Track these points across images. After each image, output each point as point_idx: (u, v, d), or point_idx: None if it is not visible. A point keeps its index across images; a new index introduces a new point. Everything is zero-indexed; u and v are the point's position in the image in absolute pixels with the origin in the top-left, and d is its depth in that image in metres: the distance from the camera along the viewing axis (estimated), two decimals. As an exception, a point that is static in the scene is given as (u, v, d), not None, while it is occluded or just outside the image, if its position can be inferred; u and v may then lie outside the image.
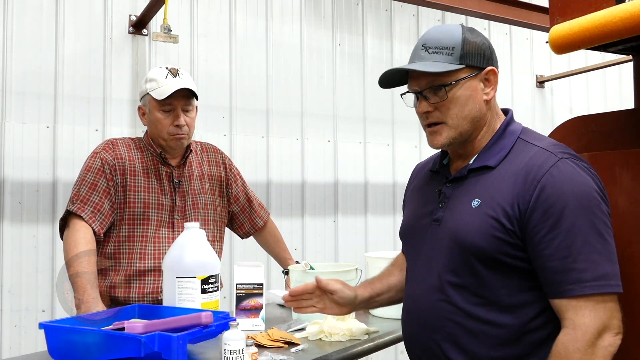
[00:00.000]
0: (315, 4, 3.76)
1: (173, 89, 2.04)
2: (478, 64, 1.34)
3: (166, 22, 2.86)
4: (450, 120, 1.34)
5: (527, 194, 1.23)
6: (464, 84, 1.33)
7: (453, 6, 3.38)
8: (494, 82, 1.36)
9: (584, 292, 1.18)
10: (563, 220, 1.20)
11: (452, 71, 1.32)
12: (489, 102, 1.36)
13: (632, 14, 1.21)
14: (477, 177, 1.34)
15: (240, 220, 2.39)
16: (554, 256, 1.20)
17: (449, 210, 1.36)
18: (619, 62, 4.37)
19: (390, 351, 3.72)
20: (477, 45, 1.34)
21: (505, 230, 1.24)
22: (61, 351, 1.44)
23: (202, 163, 2.26)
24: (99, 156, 2.09)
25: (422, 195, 1.49)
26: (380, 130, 3.92)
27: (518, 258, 1.25)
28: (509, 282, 1.26)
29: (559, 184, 1.21)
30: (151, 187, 2.11)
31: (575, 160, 1.26)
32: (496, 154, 1.34)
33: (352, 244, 3.77)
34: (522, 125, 1.40)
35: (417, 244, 1.44)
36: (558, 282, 1.20)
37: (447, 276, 1.31)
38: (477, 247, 1.26)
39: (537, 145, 1.31)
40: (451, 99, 1.33)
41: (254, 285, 1.83)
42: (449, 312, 1.31)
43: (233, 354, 1.39)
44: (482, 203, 1.29)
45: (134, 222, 2.07)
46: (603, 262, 1.19)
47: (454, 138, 1.35)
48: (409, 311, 1.43)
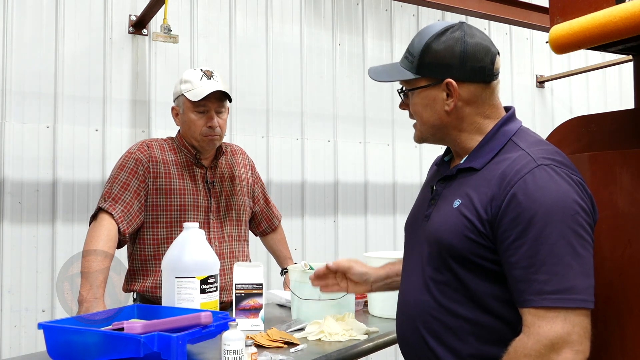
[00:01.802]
0: (315, 4, 3.76)
1: (208, 91, 2.06)
2: (436, 75, 1.33)
3: (166, 22, 2.86)
4: (417, 121, 1.41)
5: (499, 198, 1.22)
6: (420, 94, 1.36)
7: (453, 6, 3.38)
8: (454, 94, 1.32)
9: (543, 305, 1.14)
10: (530, 229, 1.17)
11: (412, 79, 1.36)
12: (450, 112, 1.34)
13: (632, 14, 1.20)
14: (464, 177, 1.34)
15: (259, 220, 2.46)
16: (518, 264, 1.18)
17: (436, 208, 1.37)
18: (619, 62, 4.37)
19: (390, 351, 3.72)
20: (439, 55, 1.32)
21: (477, 232, 1.24)
22: (60, 351, 1.43)
23: (232, 165, 2.30)
24: (134, 156, 2.11)
25: (424, 190, 1.52)
26: (380, 130, 3.92)
27: (491, 261, 1.24)
28: (486, 281, 1.26)
29: (531, 192, 1.19)
30: (187, 189, 2.13)
31: (556, 167, 1.22)
32: (484, 155, 1.33)
33: (352, 244, 3.77)
34: (521, 125, 1.38)
35: (411, 240, 1.46)
36: (520, 290, 1.18)
37: (430, 273, 1.33)
38: (451, 245, 1.27)
39: (522, 149, 1.28)
40: (412, 105, 1.40)
41: (254, 286, 1.83)
42: (431, 307, 1.32)
43: (232, 354, 1.39)
44: (461, 203, 1.29)
45: (172, 224, 2.10)
46: (569, 275, 1.14)
47: (421, 138, 1.43)
48: (399, 306, 1.45)
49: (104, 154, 3.02)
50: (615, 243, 1.34)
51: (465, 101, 1.33)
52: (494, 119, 1.36)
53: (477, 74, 1.32)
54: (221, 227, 2.18)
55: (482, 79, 1.33)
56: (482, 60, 1.32)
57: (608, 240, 1.35)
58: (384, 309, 2.01)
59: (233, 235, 2.22)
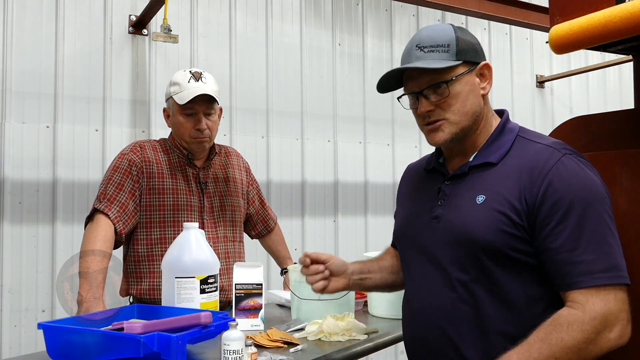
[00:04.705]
0: (315, 4, 3.76)
1: (194, 94, 2.06)
2: (473, 59, 1.36)
3: (166, 22, 2.86)
4: (453, 116, 1.34)
5: (534, 187, 1.24)
6: (463, 79, 1.34)
7: (453, 6, 3.38)
8: (489, 77, 1.38)
9: (595, 283, 1.17)
10: (571, 213, 1.21)
11: (451, 67, 1.33)
12: (485, 96, 1.39)
13: (632, 14, 1.20)
14: (478, 173, 1.34)
15: (254, 221, 2.45)
16: (562, 248, 1.20)
17: (449, 208, 1.36)
18: (619, 62, 4.37)
19: (390, 351, 3.72)
20: (469, 42, 1.37)
21: (513, 225, 1.25)
22: (60, 351, 1.43)
23: (226, 166, 2.30)
24: (127, 157, 2.11)
25: (419, 194, 1.49)
26: (380, 130, 3.92)
27: (526, 253, 1.25)
28: (518, 278, 1.26)
29: (567, 178, 1.23)
30: (179, 189, 2.13)
31: (577, 157, 1.28)
32: (497, 150, 1.35)
33: (352, 244, 3.77)
34: (519, 125, 1.42)
35: (416, 243, 1.43)
36: (567, 274, 1.20)
37: (456, 273, 1.31)
38: (486, 242, 1.26)
39: (539, 143, 1.32)
40: (453, 95, 1.33)
41: (253, 286, 1.83)
42: (460, 309, 1.30)
43: (232, 354, 1.38)
44: (487, 199, 1.29)
45: (165, 224, 2.10)
46: (613, 254, 1.20)
47: (455, 134, 1.35)
48: (415, 310, 1.42)
49: (104, 154, 3.02)
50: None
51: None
52: (495, 115, 1.43)
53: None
54: (215, 228, 2.18)
55: None
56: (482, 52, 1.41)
57: (608, 240, 1.35)
58: (384, 309, 2.01)
59: (228, 235, 2.22)
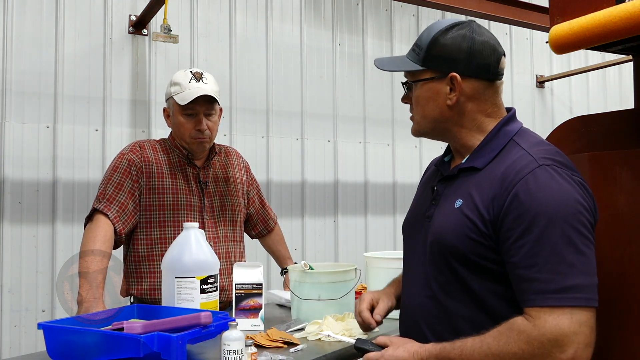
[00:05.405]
0: (315, 4, 3.76)
1: (195, 95, 2.06)
2: (441, 68, 1.34)
3: (166, 22, 2.86)
4: (416, 115, 1.41)
5: (501, 198, 1.22)
6: (426, 86, 1.36)
7: (453, 6, 3.38)
8: (457, 89, 1.33)
9: (547, 304, 1.14)
10: (533, 229, 1.17)
11: (417, 71, 1.37)
12: (452, 106, 1.34)
13: (632, 14, 1.20)
14: (465, 177, 1.35)
15: (254, 221, 2.44)
16: (520, 264, 1.18)
17: (438, 209, 1.37)
18: (619, 62, 4.38)
19: (390, 351, 3.71)
20: (446, 49, 1.33)
21: (479, 232, 1.24)
22: (60, 351, 1.43)
23: (226, 166, 2.30)
24: (126, 157, 2.11)
25: (424, 190, 1.51)
26: (380, 130, 3.92)
27: (493, 261, 1.24)
28: (487, 281, 1.26)
29: (533, 191, 1.19)
30: (179, 188, 2.13)
31: (557, 168, 1.22)
32: (485, 155, 1.33)
33: (352, 244, 3.77)
34: (522, 126, 1.38)
35: (412, 240, 1.46)
36: (523, 290, 1.18)
37: (432, 273, 1.33)
38: (453, 246, 1.27)
39: (523, 149, 1.28)
40: (414, 98, 1.40)
41: (253, 286, 1.83)
42: (434, 308, 1.32)
43: (232, 354, 1.38)
44: (463, 203, 1.29)
45: (165, 224, 2.09)
46: (572, 274, 1.14)
47: (419, 132, 1.43)
48: (404, 307, 1.45)
49: (104, 154, 3.02)
50: (615, 243, 1.34)
51: (468, 97, 1.34)
52: (495, 118, 1.37)
53: (482, 71, 1.34)
54: (216, 227, 2.18)
55: (487, 77, 1.34)
56: (488, 57, 1.34)
57: (608, 240, 1.35)
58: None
59: (228, 235, 2.22)
